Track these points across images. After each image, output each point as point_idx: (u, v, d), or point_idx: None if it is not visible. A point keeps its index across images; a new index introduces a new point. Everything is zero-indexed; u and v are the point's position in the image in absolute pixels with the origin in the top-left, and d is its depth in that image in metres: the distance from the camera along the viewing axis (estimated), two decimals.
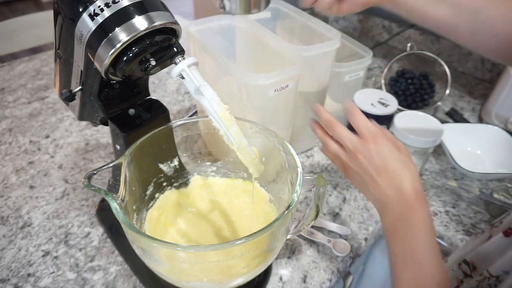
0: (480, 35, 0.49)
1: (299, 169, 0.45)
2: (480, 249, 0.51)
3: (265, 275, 0.57)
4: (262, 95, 0.58)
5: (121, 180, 0.44)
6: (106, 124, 0.55)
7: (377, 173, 0.44)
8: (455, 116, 0.92)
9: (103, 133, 0.85)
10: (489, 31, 0.48)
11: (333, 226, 0.65)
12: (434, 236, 0.41)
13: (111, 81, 0.47)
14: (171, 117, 0.81)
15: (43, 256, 0.59)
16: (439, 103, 0.94)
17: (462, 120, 0.91)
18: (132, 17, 0.39)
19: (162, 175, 0.56)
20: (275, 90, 0.58)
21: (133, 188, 0.49)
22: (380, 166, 0.44)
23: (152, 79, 1.06)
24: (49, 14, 1.34)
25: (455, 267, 0.52)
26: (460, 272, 0.51)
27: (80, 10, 0.38)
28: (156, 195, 0.56)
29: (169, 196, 0.57)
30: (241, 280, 0.46)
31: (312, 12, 0.66)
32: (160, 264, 0.43)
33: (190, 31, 0.65)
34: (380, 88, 0.99)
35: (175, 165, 0.57)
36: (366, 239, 0.64)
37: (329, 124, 0.49)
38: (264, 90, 0.57)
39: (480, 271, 0.48)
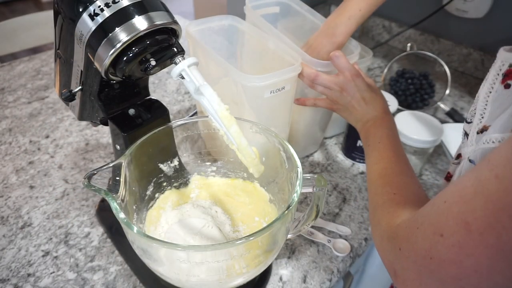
0: None
1: (299, 169, 0.45)
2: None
3: (265, 275, 0.57)
4: (258, 96, 0.58)
5: (121, 180, 0.44)
6: (106, 124, 0.55)
7: (358, 103, 0.58)
8: (455, 116, 0.92)
9: (103, 133, 0.85)
10: None
11: (333, 226, 0.65)
12: (397, 134, 0.55)
13: (111, 81, 0.47)
14: (171, 117, 0.81)
15: (43, 256, 0.59)
16: (439, 103, 0.94)
17: (462, 120, 0.91)
18: (132, 17, 0.39)
19: (162, 175, 0.56)
20: (271, 92, 0.58)
21: (133, 188, 0.49)
22: (360, 97, 0.58)
23: (152, 79, 1.06)
24: (49, 14, 1.34)
25: None
26: None
27: (80, 10, 0.39)
28: (156, 195, 0.56)
29: (169, 196, 0.57)
30: (241, 280, 0.46)
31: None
32: (160, 264, 0.43)
33: (190, 31, 0.65)
34: (380, 88, 0.99)
35: (175, 165, 0.57)
36: (366, 239, 0.64)
37: (314, 75, 0.60)
38: (260, 92, 0.57)
39: None
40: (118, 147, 0.54)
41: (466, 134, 0.45)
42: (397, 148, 0.52)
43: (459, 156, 0.48)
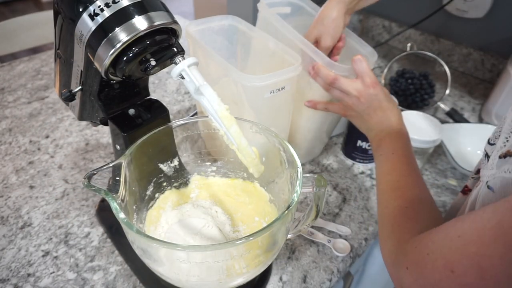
0: None
1: (299, 169, 0.45)
2: (446, 214, 0.55)
3: (265, 275, 0.57)
4: (258, 96, 0.58)
5: (121, 180, 0.44)
6: (106, 124, 0.55)
7: (374, 111, 0.57)
8: (455, 116, 0.92)
9: (103, 133, 0.85)
10: None
11: (333, 226, 0.65)
12: (411, 147, 0.54)
13: (111, 81, 0.47)
14: (171, 117, 0.81)
15: (43, 256, 0.59)
16: (439, 103, 0.94)
17: (462, 120, 0.91)
18: (132, 17, 0.39)
19: (162, 175, 0.56)
20: (270, 92, 0.57)
21: (133, 188, 0.49)
22: (377, 106, 0.57)
23: (152, 79, 1.06)
24: (49, 14, 1.34)
25: None
26: None
27: (80, 10, 0.39)
28: (156, 195, 0.56)
29: (169, 196, 0.57)
30: (241, 280, 0.46)
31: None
32: (160, 264, 0.43)
33: (190, 31, 0.65)
34: None
35: (175, 165, 0.57)
36: (366, 239, 0.64)
37: (333, 78, 0.58)
38: (260, 92, 0.57)
39: None
40: (118, 147, 0.54)
41: (487, 155, 0.43)
42: (411, 161, 0.51)
43: (478, 171, 0.46)
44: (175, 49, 0.43)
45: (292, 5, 0.76)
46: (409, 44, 1.00)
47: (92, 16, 0.38)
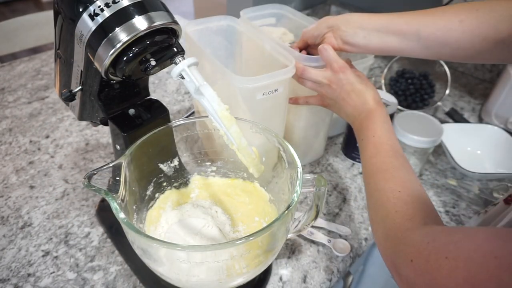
0: (432, 48, 0.52)
1: (299, 169, 0.45)
2: (482, 221, 0.53)
3: (265, 275, 0.57)
4: (250, 98, 0.57)
5: (121, 180, 0.44)
6: (106, 124, 0.55)
7: (348, 95, 0.57)
8: (455, 116, 0.92)
9: (103, 133, 0.85)
10: (436, 43, 0.51)
11: (333, 226, 0.65)
12: (391, 127, 0.53)
13: (111, 81, 0.47)
14: (171, 117, 0.81)
15: (43, 256, 0.59)
16: (439, 103, 0.94)
17: (462, 120, 0.91)
18: (132, 17, 0.39)
19: (162, 175, 0.56)
20: (263, 94, 0.57)
21: (133, 188, 0.49)
22: (350, 90, 0.57)
23: (152, 79, 1.06)
24: (49, 14, 1.34)
25: None
26: None
27: (80, 10, 0.39)
28: (156, 195, 0.56)
29: (169, 196, 0.57)
30: (241, 280, 0.46)
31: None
32: (160, 264, 0.43)
33: (187, 31, 0.65)
34: (380, 88, 0.99)
35: (175, 165, 0.57)
36: (366, 239, 0.64)
37: (302, 70, 0.59)
38: (252, 93, 0.56)
39: None
40: (118, 147, 0.54)
41: None
42: (392, 141, 0.51)
43: None
44: (175, 49, 0.43)
45: (276, 15, 0.76)
46: None
47: (92, 16, 0.38)
